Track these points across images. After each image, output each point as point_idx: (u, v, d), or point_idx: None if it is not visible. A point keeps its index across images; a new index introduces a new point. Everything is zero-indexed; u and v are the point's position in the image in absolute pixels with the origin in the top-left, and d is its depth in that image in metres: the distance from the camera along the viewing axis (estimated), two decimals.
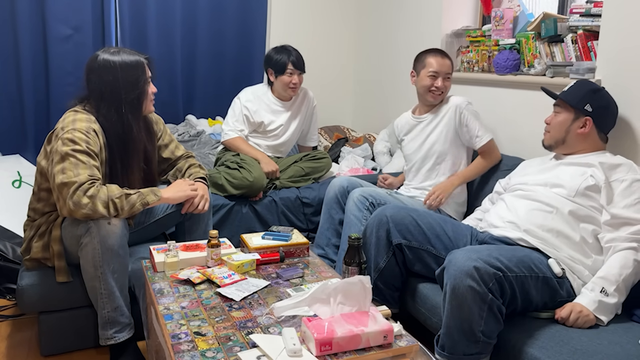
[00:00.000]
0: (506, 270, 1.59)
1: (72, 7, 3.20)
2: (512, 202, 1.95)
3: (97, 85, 1.94)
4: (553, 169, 1.94)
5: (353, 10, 4.04)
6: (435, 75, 2.43)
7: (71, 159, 1.81)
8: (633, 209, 1.72)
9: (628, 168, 1.80)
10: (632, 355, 1.45)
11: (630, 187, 1.75)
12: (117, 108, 1.95)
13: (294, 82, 2.95)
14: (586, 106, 1.89)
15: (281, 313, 1.48)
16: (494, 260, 1.59)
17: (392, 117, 3.50)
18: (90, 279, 1.88)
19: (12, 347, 2.13)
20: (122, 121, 1.97)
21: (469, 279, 1.54)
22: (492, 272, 1.56)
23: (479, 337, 1.57)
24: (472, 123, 2.42)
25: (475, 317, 1.56)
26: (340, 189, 2.49)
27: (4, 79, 3.15)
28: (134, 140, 2.00)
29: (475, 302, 1.55)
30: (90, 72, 1.96)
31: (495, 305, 1.57)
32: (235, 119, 3.01)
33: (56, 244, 1.94)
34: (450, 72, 2.46)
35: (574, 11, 2.25)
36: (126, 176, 2.00)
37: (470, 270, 1.55)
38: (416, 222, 1.98)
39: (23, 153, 3.23)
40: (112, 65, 1.94)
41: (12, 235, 2.59)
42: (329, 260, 2.45)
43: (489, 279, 1.55)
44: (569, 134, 1.92)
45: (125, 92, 1.95)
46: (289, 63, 2.92)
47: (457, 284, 1.56)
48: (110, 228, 1.83)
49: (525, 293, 1.64)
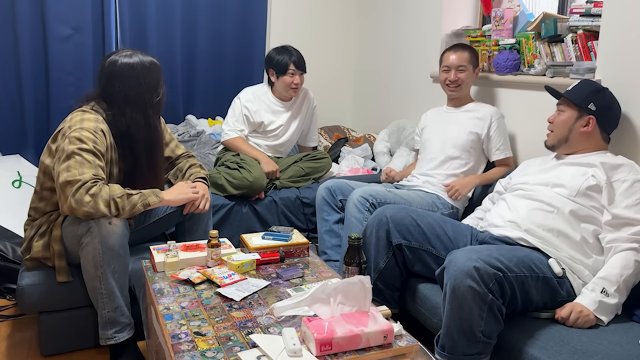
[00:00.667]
0: (506, 270, 1.59)
1: (72, 7, 3.20)
2: (513, 202, 1.95)
3: (121, 91, 1.95)
4: (554, 169, 1.94)
5: (353, 10, 4.04)
6: (447, 69, 2.54)
7: (77, 157, 1.82)
8: (634, 209, 1.72)
9: (630, 168, 1.80)
10: (632, 355, 1.45)
11: (632, 187, 1.75)
12: (145, 112, 1.99)
13: (296, 82, 2.95)
14: (590, 105, 1.89)
15: (281, 313, 1.48)
16: (494, 260, 1.59)
17: (392, 117, 3.51)
18: (90, 278, 1.88)
19: (12, 347, 2.13)
20: (149, 124, 2.01)
21: (469, 279, 1.54)
22: (492, 272, 1.56)
23: (479, 337, 1.57)
24: (497, 135, 2.48)
25: (475, 318, 1.56)
26: (326, 191, 2.52)
27: (4, 79, 3.15)
28: (159, 141, 2.08)
29: (476, 302, 1.55)
30: (111, 77, 1.96)
31: (496, 305, 1.57)
32: (235, 119, 3.01)
33: (57, 244, 1.94)
34: (464, 64, 2.50)
35: (574, 11, 2.25)
36: (154, 176, 2.07)
37: (470, 270, 1.55)
38: (416, 223, 1.98)
39: (23, 153, 3.23)
40: (135, 69, 1.96)
41: (12, 235, 2.59)
42: (333, 262, 2.46)
43: (489, 279, 1.55)
44: (572, 132, 1.92)
45: (149, 95, 1.99)
46: (290, 63, 2.92)
47: (457, 284, 1.56)
48: (111, 228, 1.84)
49: (525, 293, 1.64)
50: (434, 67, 3.16)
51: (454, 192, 2.42)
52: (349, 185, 2.53)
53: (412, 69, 3.38)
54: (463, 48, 2.54)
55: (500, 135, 2.48)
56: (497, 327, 1.59)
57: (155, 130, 2.04)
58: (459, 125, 2.52)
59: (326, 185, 2.53)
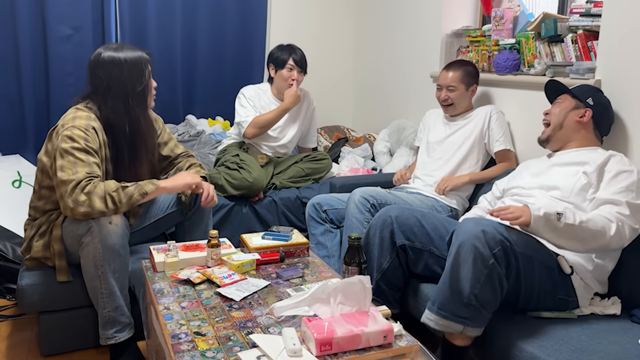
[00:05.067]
0: (514, 243, 1.60)
1: (72, 7, 3.20)
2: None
3: (104, 80, 1.94)
4: (547, 171, 1.95)
5: (353, 10, 4.04)
6: (439, 87, 2.58)
7: (70, 157, 1.82)
8: (619, 195, 1.72)
9: (617, 160, 1.81)
10: (631, 354, 1.45)
11: (617, 177, 1.76)
12: (125, 101, 1.96)
13: (293, 77, 2.95)
14: (588, 99, 1.93)
15: (281, 313, 1.48)
16: (504, 231, 1.60)
17: (392, 117, 3.51)
18: (91, 278, 1.88)
19: (12, 347, 2.13)
20: (129, 114, 1.98)
21: (475, 239, 1.56)
22: (499, 238, 1.56)
23: (471, 300, 1.57)
24: (497, 127, 2.50)
25: (472, 278, 1.56)
26: (311, 207, 2.52)
27: (4, 79, 3.15)
28: (141, 133, 2.02)
29: (476, 264, 1.55)
30: (95, 67, 1.96)
31: (496, 272, 1.56)
32: (244, 110, 2.97)
33: (57, 244, 1.94)
34: (454, 84, 2.51)
35: (574, 11, 2.25)
36: (134, 169, 2.02)
37: (478, 232, 1.56)
38: (420, 223, 1.98)
39: (23, 153, 3.23)
40: (118, 60, 1.95)
41: (12, 235, 2.59)
42: (326, 248, 2.47)
43: (494, 245, 1.56)
44: (567, 119, 1.94)
45: (132, 85, 1.97)
46: (289, 58, 2.93)
47: (463, 243, 1.58)
48: (112, 227, 1.84)
49: (529, 274, 1.64)
50: (433, 67, 3.16)
51: (443, 184, 2.45)
52: (335, 198, 2.54)
53: (412, 69, 3.38)
54: (457, 67, 2.54)
55: (500, 127, 2.50)
56: (493, 298, 1.59)
57: (137, 121, 2.00)
58: (460, 136, 2.55)
59: (311, 202, 2.54)
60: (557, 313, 1.69)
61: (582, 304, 1.73)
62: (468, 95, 2.56)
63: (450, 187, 2.45)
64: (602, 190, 1.76)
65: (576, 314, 1.70)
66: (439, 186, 2.48)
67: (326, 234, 2.48)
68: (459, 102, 2.55)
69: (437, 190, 2.47)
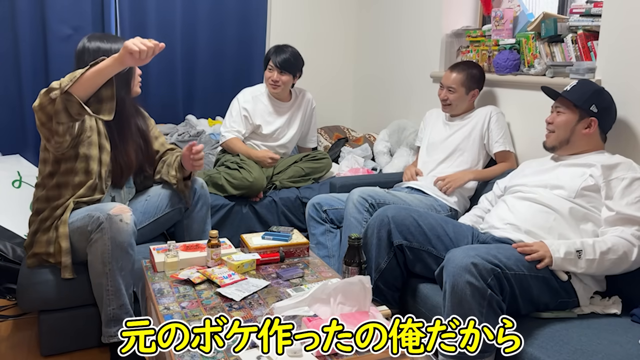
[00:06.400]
0: (504, 267, 1.59)
1: (72, 7, 3.19)
2: (513, 204, 1.95)
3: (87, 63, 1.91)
4: (553, 170, 1.94)
5: (353, 10, 4.03)
6: (441, 86, 2.60)
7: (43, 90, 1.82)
8: (634, 207, 1.72)
9: (628, 166, 1.80)
10: (632, 355, 1.45)
11: (631, 185, 1.75)
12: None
13: (274, 79, 2.93)
14: (592, 107, 1.89)
15: (281, 313, 1.48)
16: (492, 257, 1.59)
17: (392, 117, 3.50)
18: (97, 275, 1.88)
19: (12, 347, 2.13)
20: None
21: (467, 274, 1.54)
22: (490, 267, 1.56)
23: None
24: (497, 128, 2.51)
25: (475, 314, 1.55)
26: (311, 207, 2.52)
27: (3, 79, 3.14)
28: (125, 115, 2.07)
29: (475, 298, 1.55)
30: (82, 54, 2.03)
31: (495, 301, 1.56)
32: (232, 120, 3.00)
33: (63, 241, 1.94)
34: (454, 86, 2.52)
35: (574, 11, 2.25)
36: (124, 150, 2.09)
37: (468, 266, 1.55)
38: (417, 223, 1.98)
39: (23, 153, 3.22)
40: (104, 50, 2.00)
41: (12, 235, 2.59)
42: (327, 247, 2.48)
43: (487, 275, 1.55)
44: (574, 134, 1.92)
45: None
46: (271, 59, 2.92)
47: (456, 281, 1.56)
48: (122, 225, 1.84)
49: (525, 292, 1.64)
50: (434, 67, 3.16)
51: (445, 184, 2.44)
52: (335, 198, 2.54)
53: (412, 69, 3.38)
54: (461, 69, 2.54)
55: (500, 128, 2.50)
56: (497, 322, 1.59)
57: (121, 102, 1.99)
58: (464, 129, 2.56)
59: (311, 202, 2.55)
60: (556, 313, 1.69)
61: (582, 303, 1.73)
62: (467, 99, 2.57)
63: (454, 188, 2.45)
64: (616, 201, 1.75)
65: (576, 313, 1.71)
66: (439, 184, 2.47)
67: (326, 234, 2.48)
68: (457, 104, 2.56)
69: (438, 185, 2.47)
